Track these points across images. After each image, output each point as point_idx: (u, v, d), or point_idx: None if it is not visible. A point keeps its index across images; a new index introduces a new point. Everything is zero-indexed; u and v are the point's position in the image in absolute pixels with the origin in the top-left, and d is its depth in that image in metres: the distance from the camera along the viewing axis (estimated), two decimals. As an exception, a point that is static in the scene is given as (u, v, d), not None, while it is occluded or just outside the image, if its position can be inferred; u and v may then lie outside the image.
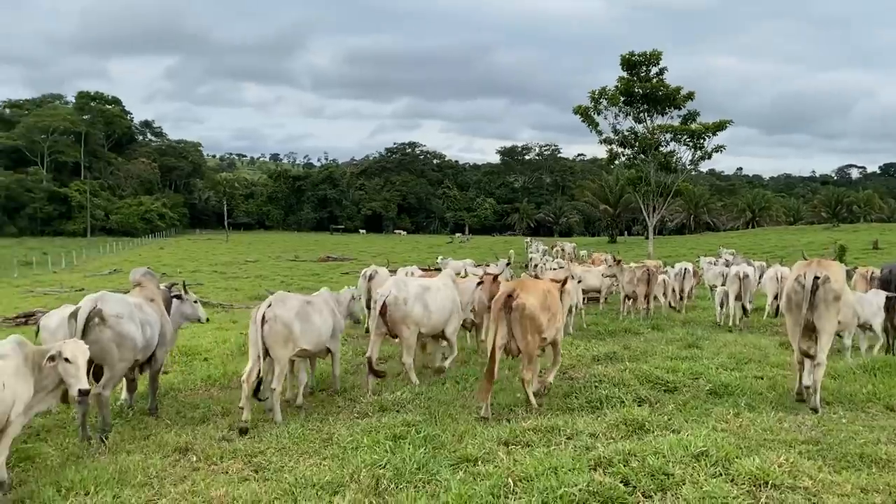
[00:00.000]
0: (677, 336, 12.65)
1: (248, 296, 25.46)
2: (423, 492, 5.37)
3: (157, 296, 8.85)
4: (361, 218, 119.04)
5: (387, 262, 18.68)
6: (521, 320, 7.82)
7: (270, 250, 62.92)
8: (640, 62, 42.18)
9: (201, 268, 41.53)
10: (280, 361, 8.01)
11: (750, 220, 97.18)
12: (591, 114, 43.21)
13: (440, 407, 7.90)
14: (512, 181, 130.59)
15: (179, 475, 6.16)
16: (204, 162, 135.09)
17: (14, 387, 5.67)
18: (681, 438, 5.98)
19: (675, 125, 42.23)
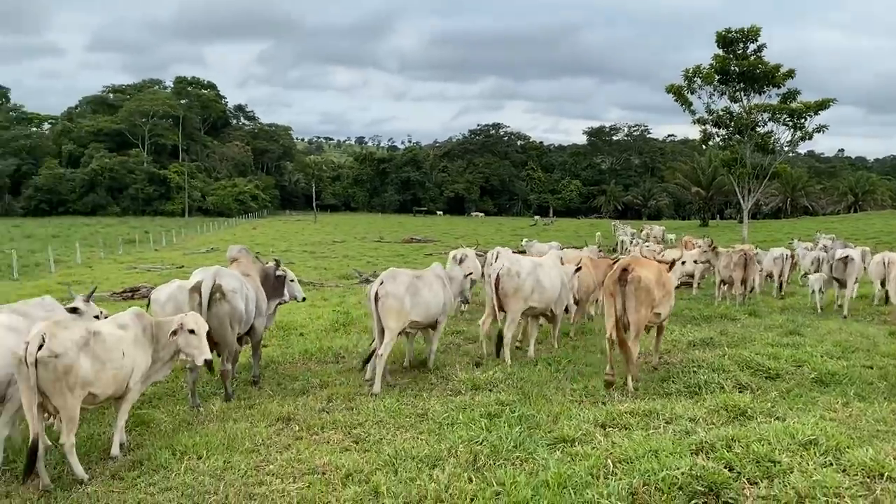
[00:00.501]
0: (776, 323, 12.20)
1: (336, 275, 26.11)
2: (521, 469, 5.40)
3: (253, 271, 9.21)
4: (444, 200, 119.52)
5: (476, 244, 18.66)
6: (637, 293, 7.98)
7: (356, 231, 64.11)
8: (738, 39, 40.49)
9: (292, 247, 42.77)
10: (391, 333, 8.48)
11: (852, 205, 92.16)
12: (685, 93, 41.82)
13: (533, 388, 7.91)
14: (599, 162, 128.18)
15: (284, 443, 6.42)
16: (294, 145, 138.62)
17: (133, 356, 6.02)
18: (787, 426, 5.78)
19: (773, 104, 40.38)
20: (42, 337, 5.38)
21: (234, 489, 5.30)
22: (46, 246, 35.37)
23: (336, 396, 7.99)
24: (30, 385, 5.30)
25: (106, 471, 5.83)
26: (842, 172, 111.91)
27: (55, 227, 63.38)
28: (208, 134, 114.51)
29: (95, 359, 5.62)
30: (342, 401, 7.83)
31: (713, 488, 4.79)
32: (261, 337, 9.21)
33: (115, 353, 5.79)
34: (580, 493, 4.84)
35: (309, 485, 5.31)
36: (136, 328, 6.15)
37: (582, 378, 8.39)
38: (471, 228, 69.53)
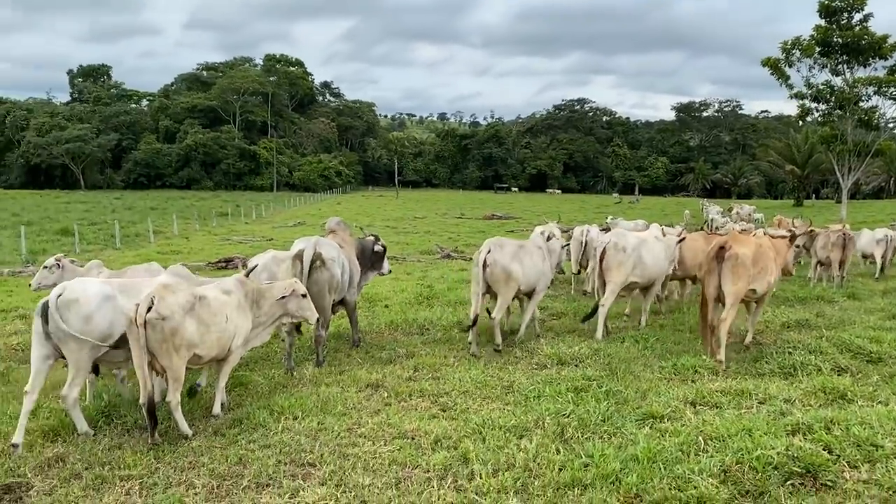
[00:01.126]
0: (878, 306, 11.64)
1: (418, 250, 26.42)
2: (610, 443, 5.41)
3: (348, 243, 9.47)
4: (526, 177, 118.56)
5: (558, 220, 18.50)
6: (733, 269, 8.22)
7: (437, 207, 64.50)
8: (841, 8, 38.20)
9: (374, 222, 43.43)
10: (504, 297, 9.05)
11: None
12: (782, 66, 39.84)
13: (621, 364, 7.86)
14: (687, 139, 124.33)
15: (374, 408, 6.62)
16: (377, 122, 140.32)
17: (236, 320, 6.31)
18: (891, 410, 5.59)
19: (880, 77, 38.02)
20: (151, 300, 5.71)
21: (328, 449, 5.52)
22: (146, 217, 37.17)
23: (422, 366, 8.16)
24: (140, 345, 5.65)
25: (209, 427, 6.17)
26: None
27: (153, 199, 66.53)
28: (295, 111, 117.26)
29: (200, 322, 5.92)
30: (428, 370, 7.98)
31: (810, 470, 4.68)
32: (354, 305, 9.49)
33: (220, 316, 6.08)
34: (670, 468, 4.81)
35: (400, 448, 5.48)
36: (239, 294, 6.44)
37: (671, 356, 8.26)
38: (553, 205, 68.86)
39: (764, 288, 8.76)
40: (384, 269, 10.34)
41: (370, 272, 10.15)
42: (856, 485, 4.55)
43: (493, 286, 9.05)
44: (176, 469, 5.29)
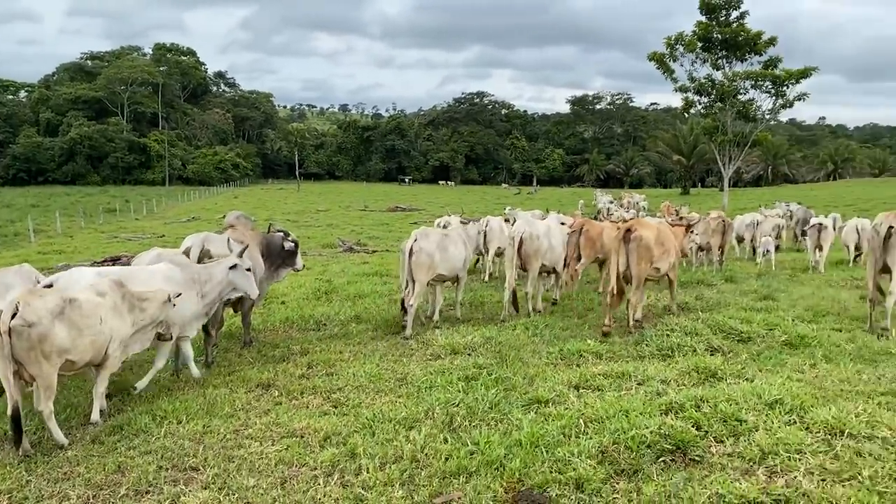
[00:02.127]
0: (752, 288, 12.40)
1: (320, 243, 26.09)
2: (496, 429, 5.54)
3: (249, 238, 9.25)
4: (429, 169, 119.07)
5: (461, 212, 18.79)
6: (638, 250, 9.12)
7: (340, 200, 63.85)
8: (720, 6, 40.33)
9: (274, 216, 42.51)
10: (421, 285, 9.61)
11: (832, 172, 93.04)
12: (667, 61, 41.71)
13: (511, 351, 8.05)
14: (582, 131, 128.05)
15: (263, 408, 6.51)
16: (275, 112, 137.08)
17: (111, 323, 6.05)
18: (755, 387, 5.95)
19: (755, 71, 40.40)
20: (16, 306, 5.40)
21: (212, 452, 5.40)
22: (26, 215, 34.99)
23: (316, 363, 8.08)
24: (4, 354, 5.33)
25: (87, 436, 5.91)
26: (822, 140, 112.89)
27: (34, 196, 62.59)
28: (188, 101, 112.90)
29: (72, 326, 5.65)
30: (322, 367, 7.92)
31: (680, 446, 4.95)
32: (252, 305, 9.27)
33: (93, 319, 5.82)
34: (552, 451, 4.98)
35: (287, 447, 5.42)
36: (115, 295, 6.18)
37: (558, 341, 8.53)
38: (455, 197, 69.46)
39: (666, 267, 9.79)
40: (297, 265, 10.05)
41: (281, 269, 9.90)
42: (721, 458, 4.84)
43: (415, 273, 9.56)
44: (49, 481, 5.05)
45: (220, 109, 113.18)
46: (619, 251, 9.28)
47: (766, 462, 4.69)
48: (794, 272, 15.02)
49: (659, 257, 9.50)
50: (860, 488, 4.29)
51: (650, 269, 9.45)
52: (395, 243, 26.51)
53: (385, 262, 18.37)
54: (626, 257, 9.20)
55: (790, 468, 4.59)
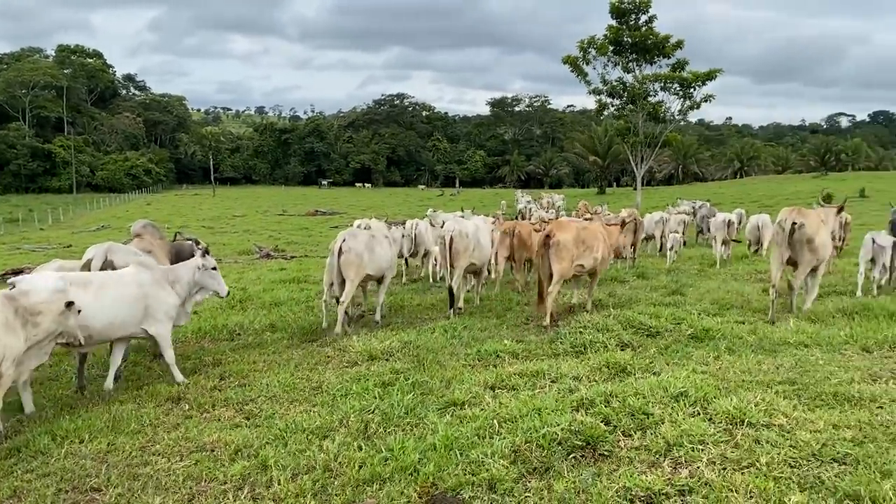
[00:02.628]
0: (662, 284, 12.83)
1: (236, 250, 25.51)
2: (411, 434, 5.52)
3: (156, 248, 8.94)
4: (350, 171, 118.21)
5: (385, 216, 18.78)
6: (557, 251, 9.76)
7: (258, 205, 62.69)
8: (630, 10, 41.57)
9: (189, 223, 41.40)
10: (352, 284, 9.84)
11: (738, 170, 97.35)
12: (580, 64, 42.74)
13: (429, 354, 8.04)
14: (502, 133, 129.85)
15: (172, 423, 6.29)
16: (189, 116, 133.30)
17: (3, 339, 5.73)
18: (661, 380, 6.14)
19: (664, 74, 41.84)
20: None
21: (116, 471, 5.17)
22: (-84, 227, 32.88)
23: (229, 374, 7.88)
24: None
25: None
26: (729, 140, 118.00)
27: (-74, 207, 58.85)
28: (95, 105, 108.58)
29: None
30: (235, 378, 7.72)
31: (590, 442, 5.05)
32: None
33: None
34: (466, 453, 5.00)
35: (196, 462, 5.25)
36: (7, 311, 5.85)
37: (476, 343, 8.58)
38: (378, 200, 69.20)
39: (591, 263, 10.32)
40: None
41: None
42: (629, 451, 4.96)
43: (344, 273, 9.79)
44: (-65, 511, 4.73)
45: (130, 113, 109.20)
46: (542, 255, 9.94)
47: (671, 454, 4.84)
48: (702, 267, 15.64)
49: (580, 255, 10.02)
50: (758, 475, 4.48)
51: (574, 268, 10.02)
52: (314, 248, 26.19)
53: (303, 267, 18.12)
54: (548, 259, 9.84)
55: (694, 459, 4.75)
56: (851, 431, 5.08)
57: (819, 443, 4.86)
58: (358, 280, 9.94)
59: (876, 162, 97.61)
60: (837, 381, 6.35)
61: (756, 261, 16.42)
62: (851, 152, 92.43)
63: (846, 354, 7.61)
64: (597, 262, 10.49)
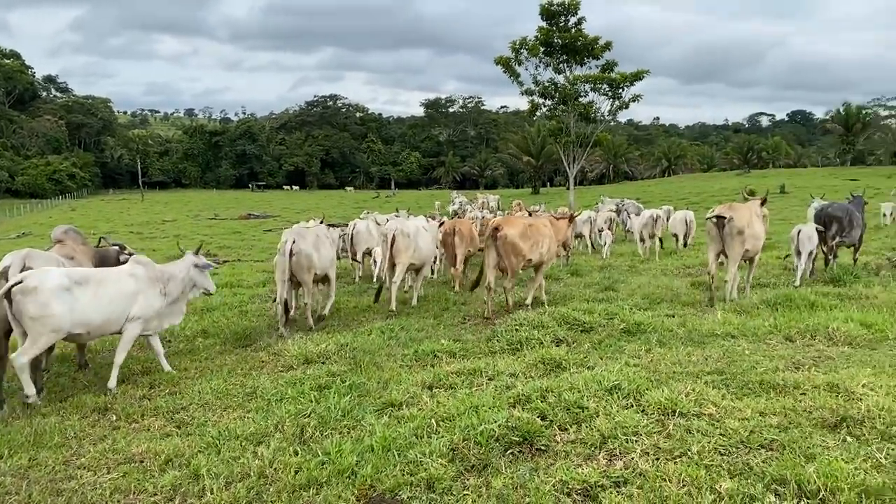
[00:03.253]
0: (595, 280, 13.06)
1: (166, 256, 24.76)
2: (348, 437, 5.45)
3: (80, 254, 8.62)
4: (283, 174, 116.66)
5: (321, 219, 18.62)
6: (504, 246, 10.23)
7: (188, 209, 61.18)
8: (559, 12, 42.20)
9: (116, 228, 40.05)
10: (306, 285, 10.23)
11: (666, 169, 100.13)
12: (513, 65, 43.16)
13: (366, 356, 7.98)
14: (437, 134, 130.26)
15: (99, 435, 6.05)
16: (115, 119, 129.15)
17: None
18: (595, 374, 6.23)
19: (593, 75, 42.66)
20: None
21: (39, 487, 4.94)
22: None
23: (159, 382, 7.64)
24: None
25: None
26: (657, 139, 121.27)
27: None
28: (14, 108, 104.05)
29: None
30: (166, 386, 7.50)
31: (527, 437, 5.08)
32: None
33: None
34: (404, 453, 4.97)
35: (124, 474, 5.06)
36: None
37: (413, 343, 8.56)
38: (313, 202, 68.39)
39: (538, 257, 10.74)
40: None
41: None
42: (565, 445, 5.02)
43: (297, 274, 9.97)
44: None
45: (51, 116, 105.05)
46: (489, 247, 10.41)
47: (606, 446, 4.91)
48: (633, 263, 16.00)
49: (529, 250, 10.47)
50: (690, 464, 4.58)
51: (523, 261, 10.48)
52: (247, 252, 25.69)
53: (236, 272, 17.74)
54: (496, 252, 10.32)
55: (628, 450, 4.83)
56: (777, 418, 5.26)
57: (747, 430, 5.00)
58: (310, 279, 10.22)
59: (795, 159, 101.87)
60: (763, 369, 6.56)
61: (684, 255, 16.92)
62: (772, 150, 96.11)
63: (771, 344, 7.88)
64: (543, 257, 10.90)
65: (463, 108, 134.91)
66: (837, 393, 5.65)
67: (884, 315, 8.69)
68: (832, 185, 45.78)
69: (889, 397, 5.43)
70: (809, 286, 11.43)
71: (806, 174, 64.99)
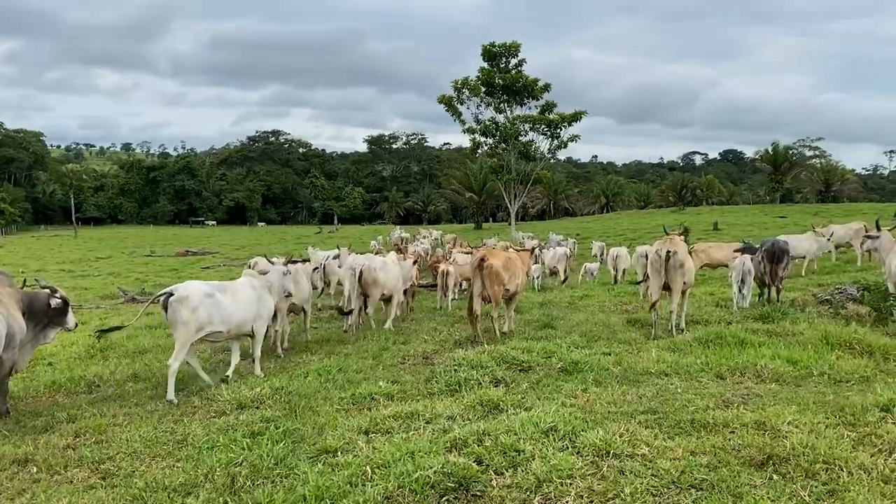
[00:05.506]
0: (534, 317, 13.17)
1: (98, 295, 24.02)
2: (281, 486, 5.32)
3: (6, 296, 8.26)
4: (223, 209, 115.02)
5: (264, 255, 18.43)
6: (490, 276, 10.99)
7: (124, 245, 59.55)
8: (500, 53, 43.25)
9: (47, 266, 38.64)
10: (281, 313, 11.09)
11: (604, 205, 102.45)
12: (455, 104, 43.92)
13: (301, 400, 7.83)
14: (380, 170, 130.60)
15: (17, 488, 5.77)
16: (47, 153, 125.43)
17: None
18: (532, 415, 6.25)
19: (533, 115, 43.64)
20: None
21: (-53, 550, 4.67)
22: None
23: (85, 430, 7.32)
24: None
25: None
26: (596, 177, 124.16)
27: None
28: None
29: None
30: (92, 434, 7.18)
31: (463, 483, 5.04)
32: (8, 371, 8.22)
33: None
34: (337, 502, 4.88)
35: (42, 533, 4.83)
36: None
37: (351, 385, 8.44)
38: (253, 238, 67.41)
39: (514, 287, 11.66)
40: (69, 323, 9.04)
41: (49, 329, 8.89)
42: (501, 490, 5.00)
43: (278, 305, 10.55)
44: None
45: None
46: (476, 277, 11.16)
47: (541, 490, 4.92)
48: (572, 299, 16.20)
49: (508, 280, 11.35)
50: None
51: (502, 290, 11.24)
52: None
53: (172, 311, 17.23)
54: (482, 282, 11.05)
55: (562, 493, 4.85)
56: (707, 457, 5.36)
57: (678, 470, 5.09)
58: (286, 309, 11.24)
59: (727, 197, 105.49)
60: (694, 408, 6.70)
61: (621, 293, 17.22)
62: (705, 188, 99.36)
63: (702, 382, 8.06)
64: (517, 287, 11.82)
65: (406, 145, 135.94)
66: (764, 431, 5.81)
67: (808, 352, 8.98)
68: (762, 222, 47.55)
69: (813, 434, 5.61)
70: (740, 323, 11.76)
71: (738, 211, 67.29)
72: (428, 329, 12.57)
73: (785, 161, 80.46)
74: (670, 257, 11.10)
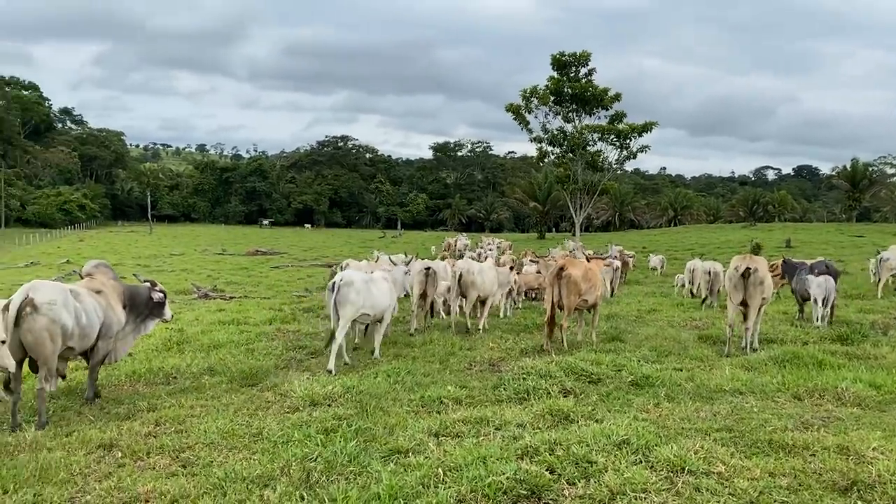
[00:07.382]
0: (601, 330, 13.02)
1: (173, 289, 24.83)
2: (355, 483, 5.42)
3: (108, 288, 8.70)
4: (292, 211, 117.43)
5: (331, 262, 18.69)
6: (567, 285, 11.07)
7: (196, 243, 61.45)
8: (570, 63, 43.00)
9: (124, 261, 40.16)
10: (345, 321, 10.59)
11: (672, 219, 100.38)
12: (523, 112, 43.83)
13: (372, 400, 7.95)
14: (444, 177, 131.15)
15: (104, 472, 6.03)
16: (127, 152, 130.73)
17: None
18: (604, 427, 6.21)
19: (602, 125, 43.21)
20: None
21: (43, 525, 4.92)
22: None
23: (165, 420, 7.61)
24: None
25: None
26: (663, 189, 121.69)
27: None
28: (29, 138, 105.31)
29: None
30: (171, 424, 7.46)
31: (535, 491, 5.06)
32: (103, 358, 8.67)
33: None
34: (410, 502, 4.94)
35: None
36: None
37: (420, 388, 8.53)
38: (319, 241, 68.66)
39: (593, 298, 11.71)
40: (166, 315, 9.76)
41: (148, 321, 9.53)
42: (573, 500, 4.99)
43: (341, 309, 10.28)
44: None
45: (65, 147, 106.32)
46: (553, 286, 11.24)
47: (615, 502, 4.89)
48: (639, 314, 15.95)
49: (586, 291, 11.38)
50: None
51: (579, 301, 11.34)
52: (254, 289, 25.73)
53: (243, 308, 17.76)
54: (559, 290, 11.12)
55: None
56: (787, 479, 5.23)
57: (756, 490, 4.98)
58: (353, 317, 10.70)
59: (800, 214, 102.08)
60: (772, 428, 6.53)
61: (690, 308, 16.87)
62: (778, 204, 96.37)
63: (779, 402, 7.85)
64: (597, 299, 11.86)
65: (471, 153, 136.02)
66: (847, 455, 5.63)
67: (893, 376, 8.64)
68: (838, 241, 45.88)
69: (900, 462, 5.39)
70: (817, 343, 11.39)
71: (812, 229, 65.06)
72: (493, 336, 12.58)
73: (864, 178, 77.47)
74: (750, 274, 10.83)
